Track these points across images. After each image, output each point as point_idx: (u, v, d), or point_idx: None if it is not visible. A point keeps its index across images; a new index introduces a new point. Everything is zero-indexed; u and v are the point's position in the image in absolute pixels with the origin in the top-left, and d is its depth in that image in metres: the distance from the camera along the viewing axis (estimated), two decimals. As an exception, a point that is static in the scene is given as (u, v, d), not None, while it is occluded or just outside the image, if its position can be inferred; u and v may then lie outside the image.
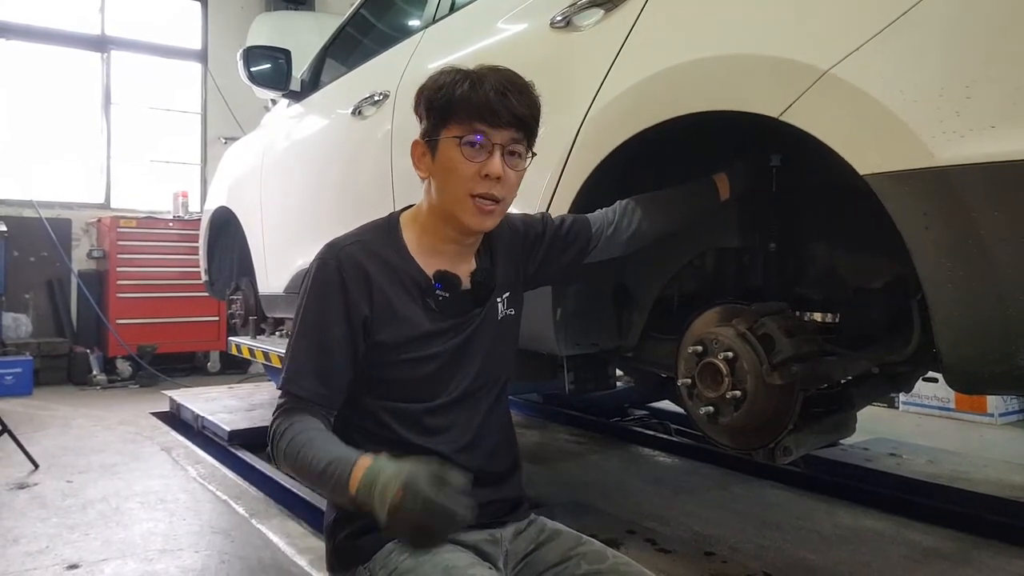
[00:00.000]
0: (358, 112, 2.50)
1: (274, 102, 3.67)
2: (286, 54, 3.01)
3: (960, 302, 1.02)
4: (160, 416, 4.32)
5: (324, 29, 3.84)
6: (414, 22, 2.53)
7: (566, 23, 1.67)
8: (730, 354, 1.35)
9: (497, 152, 1.14)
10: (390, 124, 2.31)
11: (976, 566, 2.14)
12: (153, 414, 4.38)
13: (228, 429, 3.55)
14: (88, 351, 5.74)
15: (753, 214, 1.61)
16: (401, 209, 1.28)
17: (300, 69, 3.09)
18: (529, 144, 1.20)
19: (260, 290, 3.43)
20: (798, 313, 1.57)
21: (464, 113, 1.13)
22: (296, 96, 3.11)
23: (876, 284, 1.49)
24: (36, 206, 5.91)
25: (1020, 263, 0.96)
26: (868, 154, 1.08)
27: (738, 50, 1.28)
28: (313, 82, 3.05)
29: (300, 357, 1.15)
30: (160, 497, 2.77)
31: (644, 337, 1.77)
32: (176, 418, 4.25)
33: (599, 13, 1.58)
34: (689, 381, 1.44)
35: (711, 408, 1.39)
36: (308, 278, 1.18)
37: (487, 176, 1.14)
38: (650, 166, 1.61)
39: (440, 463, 1.05)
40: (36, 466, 3.14)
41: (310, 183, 2.90)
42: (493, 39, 1.96)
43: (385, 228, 1.24)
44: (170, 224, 6.16)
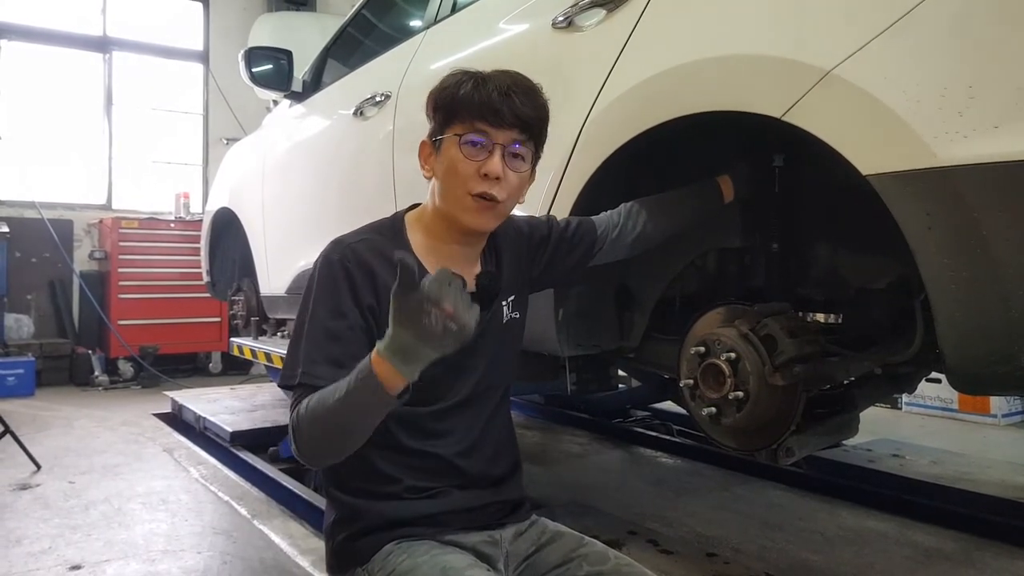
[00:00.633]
0: (360, 113, 2.50)
1: (276, 103, 3.67)
2: (288, 55, 3.01)
3: (963, 303, 1.01)
4: (162, 417, 4.33)
5: (326, 30, 3.84)
6: (415, 23, 2.53)
7: (568, 23, 1.66)
8: (732, 355, 1.34)
9: (497, 152, 1.13)
10: (392, 125, 2.31)
11: (979, 567, 2.14)
12: (155, 415, 4.39)
13: (230, 430, 3.55)
14: (90, 352, 5.76)
15: (755, 214, 1.61)
16: (406, 209, 1.27)
17: (302, 70, 3.09)
18: (536, 148, 1.18)
19: (262, 291, 3.43)
20: (800, 314, 1.57)
21: (467, 112, 1.13)
22: (298, 97, 3.10)
23: (879, 285, 1.49)
24: (38, 207, 5.92)
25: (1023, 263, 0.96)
26: (871, 154, 1.07)
27: (740, 50, 1.28)
28: (315, 83, 3.05)
29: (311, 350, 1.11)
30: (162, 498, 2.78)
31: (646, 338, 1.77)
32: (178, 419, 4.26)
33: (601, 13, 1.58)
34: (691, 382, 1.43)
35: (713, 409, 1.38)
36: (314, 274, 1.16)
37: (486, 176, 1.12)
38: (652, 167, 1.60)
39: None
40: (38, 467, 3.15)
41: (312, 184, 2.90)
42: (495, 40, 1.96)
43: (390, 228, 1.22)
44: (172, 225, 6.18)
